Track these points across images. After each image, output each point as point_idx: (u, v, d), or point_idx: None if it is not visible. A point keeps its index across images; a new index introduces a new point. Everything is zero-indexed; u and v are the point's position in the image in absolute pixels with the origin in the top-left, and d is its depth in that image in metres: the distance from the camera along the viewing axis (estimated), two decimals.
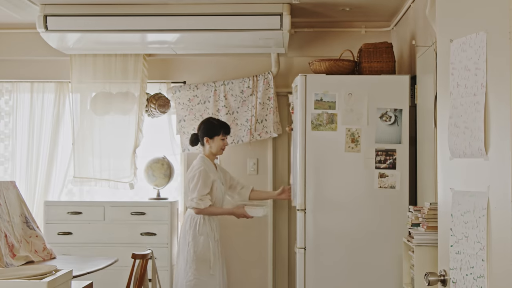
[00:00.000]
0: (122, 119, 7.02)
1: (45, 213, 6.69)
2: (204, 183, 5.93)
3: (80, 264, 5.17)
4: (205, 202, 5.90)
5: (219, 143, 6.13)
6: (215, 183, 6.02)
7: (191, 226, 5.94)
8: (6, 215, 5.07)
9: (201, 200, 5.89)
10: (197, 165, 6.02)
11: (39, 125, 7.19)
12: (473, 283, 2.73)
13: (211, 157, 6.16)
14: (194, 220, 5.96)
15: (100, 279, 5.88)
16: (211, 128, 6.13)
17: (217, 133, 6.12)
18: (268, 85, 6.98)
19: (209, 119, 6.24)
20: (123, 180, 7.00)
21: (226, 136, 6.18)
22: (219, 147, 6.14)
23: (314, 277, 5.81)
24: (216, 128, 6.13)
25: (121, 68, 7.01)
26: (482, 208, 2.66)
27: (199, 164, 6.01)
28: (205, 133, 6.12)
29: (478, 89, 2.70)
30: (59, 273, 3.52)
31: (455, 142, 2.90)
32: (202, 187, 5.92)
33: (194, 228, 5.93)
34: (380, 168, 5.77)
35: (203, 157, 6.10)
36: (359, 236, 5.79)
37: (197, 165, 6.01)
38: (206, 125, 6.16)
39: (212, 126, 6.14)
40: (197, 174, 5.95)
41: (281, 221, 7.15)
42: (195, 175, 5.95)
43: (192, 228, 5.93)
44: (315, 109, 5.81)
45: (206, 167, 6.00)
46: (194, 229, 5.92)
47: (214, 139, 6.12)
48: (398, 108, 5.76)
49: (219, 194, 6.07)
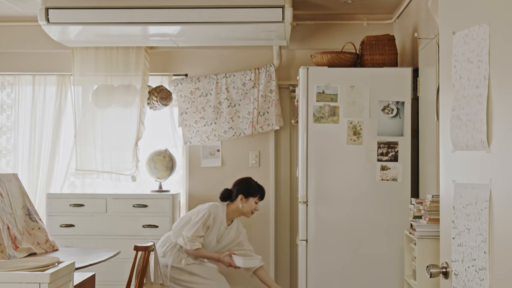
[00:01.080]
0: (124, 111, 7.02)
1: (48, 205, 6.70)
2: (203, 225, 5.89)
3: (82, 256, 5.18)
4: (194, 244, 5.85)
5: (252, 205, 6.08)
6: (210, 233, 5.97)
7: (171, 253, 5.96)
8: (8, 207, 5.08)
9: (191, 242, 5.85)
10: (211, 208, 5.96)
11: (41, 118, 7.19)
12: (475, 275, 2.74)
13: (232, 213, 6.10)
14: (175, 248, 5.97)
15: (103, 271, 5.89)
16: (250, 188, 6.08)
17: (254, 194, 6.07)
18: (270, 78, 6.97)
19: (248, 179, 6.19)
20: (125, 172, 7.00)
21: (260, 200, 6.16)
22: (250, 209, 6.08)
23: (316, 269, 5.82)
24: (254, 189, 6.09)
25: (122, 61, 7.00)
26: (484, 200, 2.67)
27: (212, 210, 5.95)
28: (242, 191, 6.07)
29: (481, 81, 2.70)
30: (61, 265, 3.53)
31: (458, 135, 2.90)
32: (201, 228, 5.88)
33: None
34: (382, 160, 5.77)
35: (223, 207, 6.05)
36: (361, 228, 5.80)
37: (210, 209, 5.94)
38: (245, 183, 6.11)
39: (251, 186, 6.09)
40: (205, 215, 5.89)
41: (283, 213, 7.15)
42: (202, 215, 5.90)
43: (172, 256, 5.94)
44: (317, 101, 5.81)
45: (216, 215, 5.98)
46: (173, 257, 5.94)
47: (248, 199, 6.07)
48: (400, 100, 5.76)
49: (207, 246, 6.01)
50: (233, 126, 6.98)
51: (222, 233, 6.03)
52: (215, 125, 7.00)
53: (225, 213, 6.02)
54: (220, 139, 7.04)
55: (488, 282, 2.64)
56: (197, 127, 7.02)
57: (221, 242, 6.05)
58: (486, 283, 2.65)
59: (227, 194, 6.11)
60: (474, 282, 2.74)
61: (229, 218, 6.07)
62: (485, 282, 2.67)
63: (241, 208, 6.03)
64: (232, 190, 6.10)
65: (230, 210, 6.06)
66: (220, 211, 5.99)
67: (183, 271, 5.91)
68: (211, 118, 7.00)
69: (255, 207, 6.08)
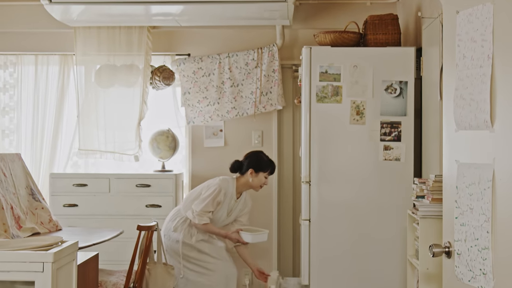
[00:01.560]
0: (127, 91, 7.01)
1: (51, 185, 6.71)
2: (213, 200, 5.90)
3: (85, 235, 5.20)
4: (203, 218, 5.87)
5: (261, 180, 6.07)
6: (221, 209, 5.99)
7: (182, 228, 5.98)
8: (12, 187, 5.09)
9: (200, 216, 5.87)
10: (221, 184, 5.96)
11: (43, 98, 7.19)
12: (477, 255, 2.74)
13: (242, 187, 6.10)
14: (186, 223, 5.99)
15: (106, 251, 5.90)
16: (260, 162, 6.06)
17: (264, 169, 6.05)
18: (273, 58, 6.96)
19: (260, 153, 6.17)
20: (128, 152, 7.00)
21: (270, 175, 6.16)
22: (259, 183, 6.07)
23: (319, 248, 5.83)
24: (265, 164, 6.07)
25: (125, 41, 6.99)
26: (487, 180, 2.67)
27: (223, 186, 5.96)
28: (253, 165, 6.05)
29: (485, 60, 2.69)
30: (65, 245, 3.53)
31: (461, 114, 2.89)
32: (210, 204, 5.89)
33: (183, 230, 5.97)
34: (385, 140, 5.77)
35: (232, 181, 6.06)
36: (364, 208, 5.80)
37: (221, 184, 5.95)
38: (256, 158, 6.09)
39: (261, 161, 6.07)
40: (215, 191, 5.90)
41: (285, 193, 7.16)
42: (212, 190, 5.91)
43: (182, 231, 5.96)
44: (320, 81, 5.80)
45: (226, 190, 5.99)
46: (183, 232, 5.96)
47: (258, 174, 6.06)
48: (404, 80, 5.75)
49: (217, 220, 6.04)
50: (236, 106, 6.98)
51: (232, 206, 6.05)
52: (218, 105, 7.00)
53: (235, 187, 6.03)
54: (223, 119, 7.03)
55: (491, 261, 2.65)
56: (200, 107, 7.01)
57: (231, 215, 6.09)
58: (489, 262, 2.66)
59: (238, 166, 6.10)
60: (477, 261, 2.75)
61: (238, 191, 6.08)
62: (487, 261, 2.67)
63: (251, 182, 6.04)
64: (242, 163, 6.09)
65: (239, 184, 6.06)
66: (230, 185, 6.00)
67: (193, 248, 5.94)
68: (214, 98, 6.99)
69: (264, 182, 6.08)
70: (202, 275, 5.94)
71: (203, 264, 5.95)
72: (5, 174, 5.06)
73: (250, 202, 6.25)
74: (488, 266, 2.67)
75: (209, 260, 5.96)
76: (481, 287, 2.72)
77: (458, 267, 2.92)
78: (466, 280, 2.85)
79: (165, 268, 5.67)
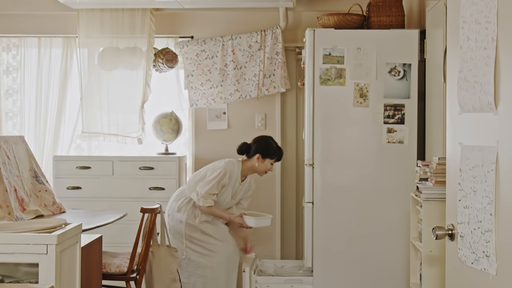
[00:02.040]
0: (130, 74, 7.00)
1: (54, 167, 6.72)
2: (218, 183, 5.90)
3: (89, 218, 5.21)
4: (207, 201, 5.88)
5: (267, 166, 6.04)
6: (225, 191, 5.99)
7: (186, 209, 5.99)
8: (15, 169, 5.10)
9: (204, 199, 5.87)
10: (226, 166, 5.96)
11: (47, 80, 7.18)
12: (480, 237, 2.75)
13: (247, 170, 6.09)
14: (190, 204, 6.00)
15: (109, 233, 5.92)
16: (268, 148, 6.03)
17: (271, 156, 6.03)
18: (276, 40, 6.94)
19: (269, 139, 6.13)
20: (131, 135, 7.01)
21: (276, 162, 6.14)
22: (264, 169, 6.05)
23: (322, 231, 5.84)
24: (273, 151, 6.03)
25: (128, 23, 6.97)
26: (491, 162, 2.66)
27: (228, 168, 5.96)
28: (260, 150, 6.02)
29: (489, 42, 2.68)
30: (68, 227, 3.54)
31: (465, 97, 2.89)
32: (215, 186, 5.89)
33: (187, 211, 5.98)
34: (388, 123, 5.77)
35: (238, 164, 6.05)
36: (367, 191, 5.81)
37: (226, 167, 5.95)
38: (264, 143, 6.06)
39: (270, 147, 6.04)
40: (220, 173, 5.89)
41: (289, 176, 7.16)
42: (218, 173, 5.90)
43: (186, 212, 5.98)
44: (324, 63, 5.79)
45: (231, 173, 5.98)
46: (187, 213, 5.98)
47: (265, 160, 6.03)
48: (407, 62, 5.73)
49: (222, 202, 6.05)
50: (239, 89, 6.97)
51: (236, 189, 6.05)
52: (221, 87, 6.99)
53: (240, 170, 6.03)
54: (226, 101, 7.03)
55: (494, 244, 2.65)
56: (203, 89, 7.01)
57: (235, 198, 6.09)
58: (492, 245, 2.66)
59: (245, 148, 6.08)
60: (480, 244, 2.75)
61: (243, 174, 6.08)
62: (491, 244, 2.67)
63: (256, 167, 6.03)
64: (250, 146, 6.07)
65: (245, 167, 6.06)
66: (235, 168, 6.00)
67: (196, 228, 5.95)
68: (217, 80, 6.99)
69: (270, 168, 6.08)
70: (204, 256, 5.96)
71: (205, 245, 5.97)
72: (9, 157, 5.07)
73: (253, 186, 6.25)
74: (491, 249, 2.67)
75: (211, 242, 5.97)
76: (484, 269, 2.72)
77: (461, 249, 2.93)
78: (469, 263, 2.85)
79: (168, 250, 5.69)
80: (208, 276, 5.96)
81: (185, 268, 5.97)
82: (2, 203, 4.73)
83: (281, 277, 5.92)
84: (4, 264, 3.47)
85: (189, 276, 5.98)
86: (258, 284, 5.82)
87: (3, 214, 4.68)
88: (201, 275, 5.96)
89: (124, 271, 5.31)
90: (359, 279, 5.84)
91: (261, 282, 5.84)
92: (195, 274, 5.97)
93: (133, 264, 5.34)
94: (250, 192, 6.22)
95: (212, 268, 5.96)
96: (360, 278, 5.84)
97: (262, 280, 5.86)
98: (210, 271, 5.96)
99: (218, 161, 6.07)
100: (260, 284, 5.83)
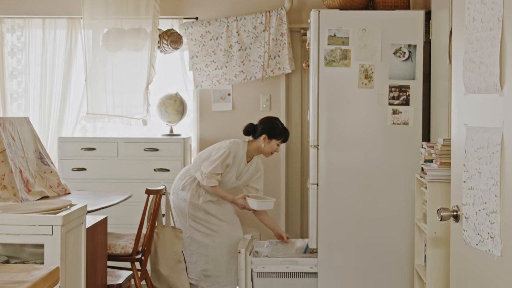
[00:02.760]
0: (135, 55, 7.00)
1: (59, 149, 6.73)
2: (222, 163, 5.90)
3: (94, 199, 5.22)
4: (211, 181, 5.89)
5: (273, 147, 6.04)
6: (230, 171, 5.99)
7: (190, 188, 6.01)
8: (20, 150, 5.10)
9: (208, 178, 5.88)
10: (231, 146, 5.96)
11: (51, 62, 7.18)
12: (485, 219, 2.75)
13: (253, 151, 6.09)
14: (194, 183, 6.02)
15: (114, 214, 5.94)
16: (275, 129, 6.02)
17: (278, 137, 6.02)
18: (281, 21, 6.92)
19: (276, 120, 6.12)
20: (136, 116, 7.01)
21: (282, 143, 6.14)
22: (270, 150, 6.05)
23: (327, 212, 5.84)
24: (279, 132, 6.02)
25: (133, 4, 6.95)
26: (496, 143, 2.66)
27: (233, 148, 5.96)
28: (267, 131, 6.01)
29: (494, 23, 2.67)
30: (73, 208, 3.55)
31: (470, 78, 2.88)
32: (220, 166, 5.89)
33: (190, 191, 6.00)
34: (393, 104, 5.75)
35: (243, 144, 6.04)
36: (372, 172, 5.81)
37: (230, 147, 5.95)
38: (271, 124, 6.05)
39: (276, 128, 6.03)
40: (224, 153, 5.89)
41: (293, 157, 7.16)
42: (222, 152, 5.90)
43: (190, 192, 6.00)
44: (329, 45, 5.77)
45: (236, 153, 5.98)
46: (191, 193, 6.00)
47: (271, 141, 6.03)
48: (412, 44, 5.71)
49: (226, 183, 6.06)
50: (244, 70, 6.96)
51: (241, 170, 6.06)
52: (226, 68, 6.98)
53: (245, 151, 6.03)
54: (231, 83, 7.02)
55: (499, 225, 2.65)
56: (207, 70, 7.00)
57: (240, 179, 6.10)
58: (497, 226, 2.66)
59: (252, 129, 6.08)
60: (485, 225, 2.75)
61: (249, 155, 6.08)
62: (495, 225, 2.67)
63: (262, 148, 6.03)
64: (257, 127, 6.07)
65: (250, 148, 6.06)
66: (240, 148, 6.00)
67: (200, 208, 5.97)
68: (221, 61, 6.98)
69: (276, 149, 6.07)
70: (206, 235, 5.98)
71: (209, 225, 5.98)
72: (14, 138, 5.07)
73: (262, 166, 6.25)
74: (496, 230, 2.67)
75: (214, 222, 5.99)
76: (489, 250, 2.72)
77: (466, 230, 2.93)
78: (473, 244, 2.85)
79: (173, 231, 5.71)
80: (210, 255, 5.99)
81: (187, 247, 5.99)
82: (7, 184, 4.74)
83: (276, 258, 5.93)
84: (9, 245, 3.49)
85: (191, 254, 6.01)
86: (254, 266, 5.84)
87: (9, 195, 4.69)
88: (203, 254, 5.98)
89: (129, 252, 5.32)
90: (363, 260, 5.85)
91: (256, 263, 5.85)
92: (197, 253, 5.99)
93: (138, 245, 5.36)
94: (260, 173, 6.23)
95: (214, 248, 5.98)
96: (364, 259, 5.85)
97: (257, 261, 5.87)
98: (212, 251, 5.99)
99: (223, 141, 6.07)
100: (255, 266, 5.84)
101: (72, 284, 3.51)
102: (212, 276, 6.01)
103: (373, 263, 5.84)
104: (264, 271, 5.85)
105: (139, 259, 5.43)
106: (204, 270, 6.00)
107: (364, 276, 5.85)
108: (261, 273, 5.85)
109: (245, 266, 5.76)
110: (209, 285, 6.02)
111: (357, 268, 5.86)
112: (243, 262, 5.75)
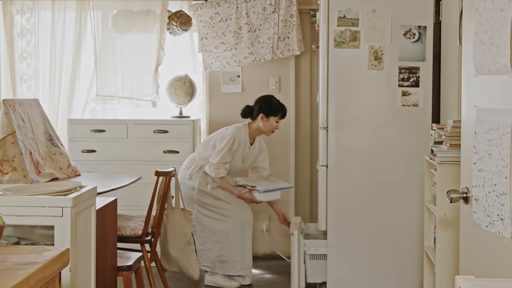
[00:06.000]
0: (144, 37, 6.99)
1: (69, 130, 6.74)
2: (229, 151, 5.94)
3: (104, 181, 5.23)
4: (219, 171, 5.94)
5: (273, 124, 6.07)
6: (235, 157, 6.01)
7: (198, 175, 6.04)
8: (30, 132, 5.11)
9: (217, 169, 5.93)
10: (234, 133, 5.99)
11: (61, 43, 7.18)
12: (495, 200, 2.74)
13: (254, 133, 6.13)
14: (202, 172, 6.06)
15: (124, 196, 5.95)
16: (271, 106, 6.06)
17: (275, 113, 6.05)
18: (291, 2, 6.90)
19: (270, 97, 6.16)
20: (145, 98, 7.01)
21: (281, 119, 6.13)
22: (270, 128, 6.08)
23: (336, 194, 5.84)
24: (276, 108, 6.06)
25: None
26: (506, 125, 2.65)
27: (236, 135, 5.99)
28: (263, 109, 6.06)
29: (505, 4, 2.65)
30: (83, 190, 3.56)
31: (480, 59, 2.86)
32: (227, 154, 5.94)
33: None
34: (403, 86, 5.73)
35: (245, 128, 6.07)
36: (381, 154, 5.79)
37: (234, 134, 5.98)
38: (266, 102, 6.09)
39: (272, 105, 6.06)
40: (229, 141, 5.92)
41: (303, 139, 7.16)
42: (227, 141, 5.93)
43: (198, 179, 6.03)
44: (338, 26, 5.74)
45: (240, 139, 6.00)
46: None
47: (269, 118, 6.05)
48: (422, 25, 5.68)
49: (232, 167, 6.09)
50: (253, 52, 6.95)
51: (246, 153, 6.09)
52: (235, 50, 6.97)
53: (247, 133, 6.05)
54: (240, 64, 7.01)
55: (509, 207, 2.65)
56: (217, 52, 6.99)
57: (246, 162, 6.15)
58: (507, 208, 2.66)
59: (248, 111, 6.12)
60: (495, 207, 2.74)
61: (251, 137, 6.12)
62: (505, 207, 2.67)
63: (262, 127, 6.06)
64: (253, 108, 6.11)
65: (251, 130, 6.09)
66: (242, 133, 6.03)
67: (208, 195, 5.99)
68: (231, 43, 6.96)
69: (275, 126, 6.10)
70: (217, 221, 6.01)
71: (219, 210, 6.01)
72: (24, 120, 5.08)
73: (265, 146, 6.28)
74: (506, 212, 2.67)
75: (224, 207, 6.02)
76: (499, 232, 2.72)
77: (476, 212, 2.92)
78: (483, 226, 2.85)
79: (183, 213, 5.72)
80: (223, 241, 6.01)
81: (200, 234, 6.02)
82: (17, 166, 4.75)
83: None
84: (20, 226, 3.50)
85: (204, 242, 6.03)
86: (306, 248, 5.84)
87: (19, 177, 4.71)
88: (217, 240, 6.02)
89: (139, 234, 5.34)
90: (372, 242, 5.85)
91: (309, 245, 5.87)
92: (210, 240, 6.02)
93: (148, 227, 5.37)
94: (264, 152, 6.25)
95: (226, 233, 6.01)
96: (374, 241, 5.85)
97: (310, 243, 5.89)
98: (225, 236, 6.02)
99: (224, 128, 6.09)
100: (308, 248, 5.85)
101: (82, 266, 3.53)
102: (228, 261, 6.05)
103: (383, 245, 5.84)
104: (316, 253, 5.86)
105: (149, 241, 5.44)
106: (219, 256, 6.04)
107: (373, 258, 5.85)
108: (314, 255, 5.86)
109: (298, 248, 5.76)
110: (225, 270, 6.06)
111: (366, 250, 5.86)
112: (296, 244, 5.74)
